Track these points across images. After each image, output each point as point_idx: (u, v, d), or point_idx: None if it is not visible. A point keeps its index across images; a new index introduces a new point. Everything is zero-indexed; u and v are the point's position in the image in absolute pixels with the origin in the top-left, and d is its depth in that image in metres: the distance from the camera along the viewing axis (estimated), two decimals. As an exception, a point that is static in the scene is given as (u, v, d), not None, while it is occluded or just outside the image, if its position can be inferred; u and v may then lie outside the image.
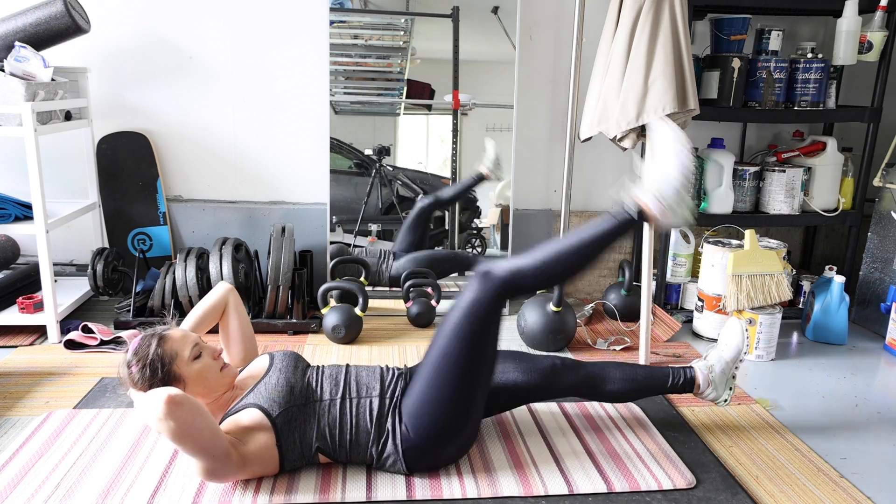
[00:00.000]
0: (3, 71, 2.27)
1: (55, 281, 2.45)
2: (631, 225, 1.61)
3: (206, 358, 1.60)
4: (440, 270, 2.82)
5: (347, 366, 1.70)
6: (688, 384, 1.85)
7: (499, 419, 1.91)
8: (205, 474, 1.45)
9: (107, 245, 2.82)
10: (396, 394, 1.62)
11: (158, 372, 1.52)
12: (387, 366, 1.73)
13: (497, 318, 1.58)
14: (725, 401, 1.87)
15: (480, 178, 2.76)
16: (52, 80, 2.39)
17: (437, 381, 1.55)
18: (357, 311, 2.49)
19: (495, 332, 1.59)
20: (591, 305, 2.82)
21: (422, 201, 2.59)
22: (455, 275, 2.95)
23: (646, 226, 2.32)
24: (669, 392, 1.86)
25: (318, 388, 1.61)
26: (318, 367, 1.69)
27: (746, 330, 1.87)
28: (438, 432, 1.57)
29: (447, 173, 2.85)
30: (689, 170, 1.59)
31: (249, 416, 1.52)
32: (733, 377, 1.88)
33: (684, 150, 1.60)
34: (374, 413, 1.58)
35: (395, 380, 1.65)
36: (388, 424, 1.58)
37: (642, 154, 2.90)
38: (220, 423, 1.55)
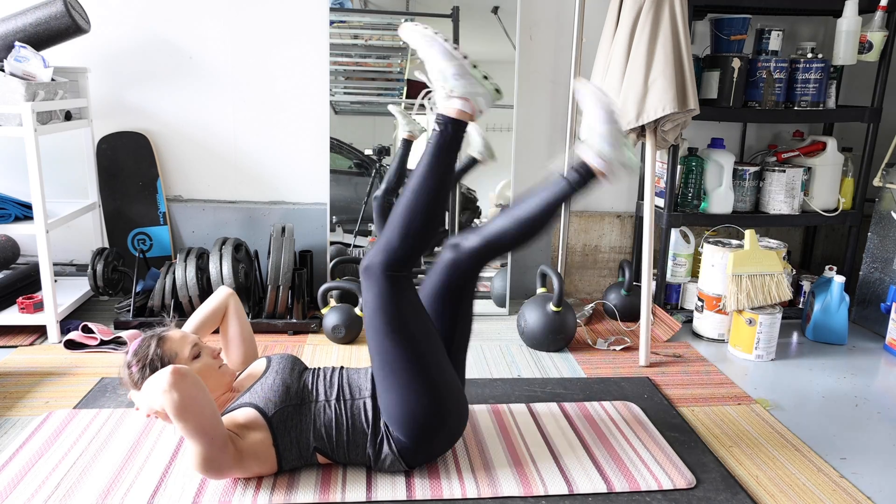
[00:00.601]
0: (3, 71, 2.27)
1: (55, 281, 2.45)
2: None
3: (205, 357, 1.63)
4: None
5: (342, 368, 1.71)
6: (589, 176, 1.59)
7: (499, 419, 1.91)
8: (202, 464, 1.44)
9: (107, 245, 2.82)
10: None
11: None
12: None
13: (407, 300, 1.52)
14: (631, 158, 1.60)
15: (408, 144, 2.66)
16: (52, 80, 2.39)
17: (391, 383, 1.53)
18: (357, 311, 2.49)
19: (414, 313, 1.54)
20: (591, 305, 2.83)
21: (376, 200, 2.51)
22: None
23: (645, 227, 2.32)
24: (577, 194, 1.61)
25: (314, 390, 1.61)
26: (314, 369, 1.70)
27: (599, 90, 1.60)
28: (421, 426, 1.55)
29: (447, 173, 2.84)
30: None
31: (245, 414, 1.53)
32: (623, 134, 1.59)
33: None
34: (369, 414, 1.58)
35: None
36: (382, 426, 1.58)
37: (642, 154, 2.90)
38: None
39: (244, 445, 1.50)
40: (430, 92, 1.82)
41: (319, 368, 1.70)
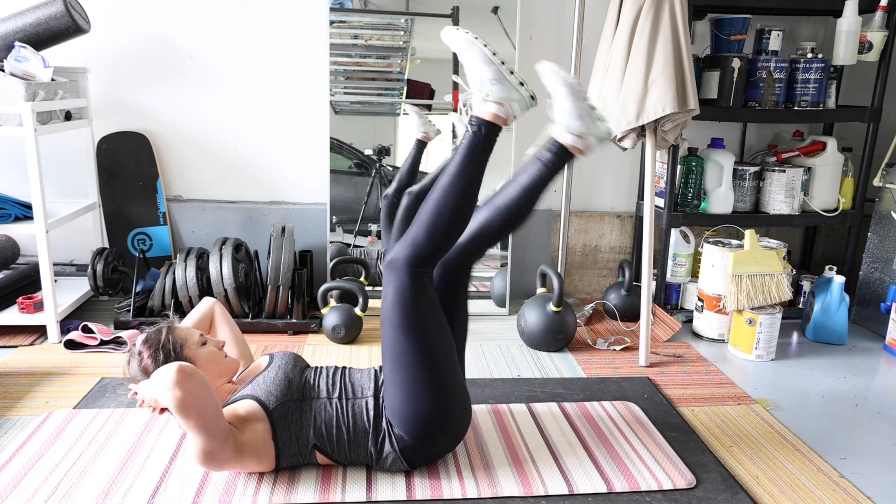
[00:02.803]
0: (3, 71, 2.27)
1: (55, 281, 2.45)
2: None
3: (210, 346, 1.66)
4: None
5: (343, 368, 1.72)
6: (563, 154, 1.62)
7: (499, 419, 1.91)
8: (201, 457, 1.44)
9: (107, 245, 2.82)
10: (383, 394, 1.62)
11: (171, 354, 1.57)
12: (380, 367, 1.73)
13: (426, 298, 1.54)
14: (607, 132, 1.62)
15: (421, 144, 2.68)
16: (52, 80, 2.39)
17: (401, 379, 1.54)
18: (357, 311, 2.49)
19: (432, 311, 1.55)
20: (591, 305, 2.82)
21: (385, 200, 2.52)
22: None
23: (645, 227, 2.32)
24: (555, 174, 1.64)
25: (316, 386, 1.62)
26: (316, 367, 1.71)
27: (558, 68, 1.62)
28: (425, 425, 1.55)
29: (447, 173, 2.84)
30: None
31: (246, 406, 1.54)
32: (590, 108, 1.61)
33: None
34: (370, 413, 1.59)
35: (384, 380, 1.65)
36: (384, 425, 1.58)
37: (642, 154, 2.90)
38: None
39: (243, 439, 1.50)
40: (465, 95, 1.85)
41: (321, 367, 1.71)
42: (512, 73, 1.55)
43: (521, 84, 1.55)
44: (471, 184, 1.56)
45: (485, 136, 1.56)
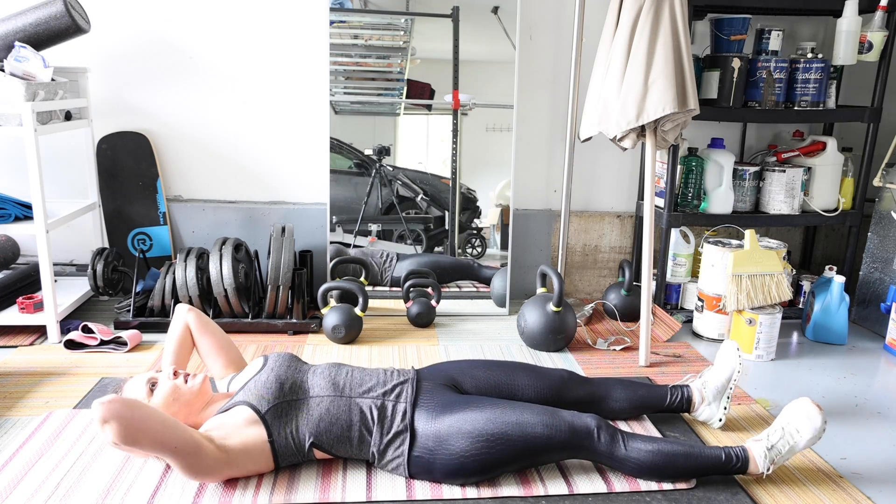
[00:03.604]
0: (3, 71, 2.27)
1: (55, 281, 2.45)
2: (725, 472, 1.64)
3: (163, 383, 1.61)
4: (443, 277, 2.84)
5: (342, 365, 1.71)
6: (685, 403, 1.91)
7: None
8: (186, 472, 1.45)
9: (107, 245, 2.82)
10: (403, 398, 1.61)
11: None
12: (393, 369, 1.73)
13: (563, 441, 1.59)
14: (720, 420, 1.90)
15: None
16: (52, 80, 2.39)
17: (489, 433, 1.55)
18: (357, 311, 2.49)
19: (559, 449, 1.59)
20: (591, 305, 2.82)
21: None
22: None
23: (645, 227, 2.32)
24: (666, 410, 1.92)
25: (311, 386, 1.62)
26: (316, 366, 1.70)
27: (739, 350, 1.91)
28: (459, 466, 1.55)
29: (447, 173, 2.85)
30: (819, 436, 1.64)
31: (238, 412, 1.54)
32: (727, 398, 1.90)
33: (818, 428, 1.63)
34: (375, 413, 1.58)
35: (400, 384, 1.65)
36: (397, 427, 1.58)
37: (641, 154, 2.90)
38: (209, 423, 1.56)
39: (231, 446, 1.50)
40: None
41: (318, 366, 1.70)
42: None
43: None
44: (677, 477, 1.63)
45: (736, 469, 1.62)
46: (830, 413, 2.07)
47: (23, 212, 2.43)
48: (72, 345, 2.32)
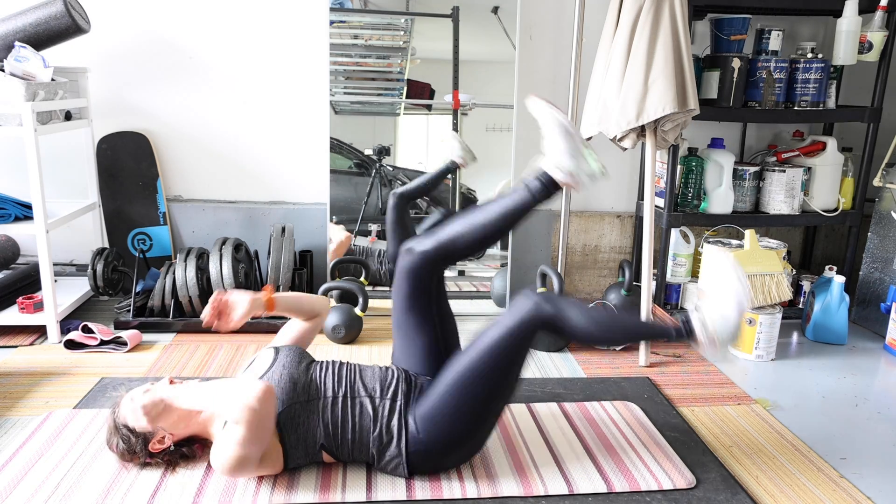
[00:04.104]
0: (3, 71, 2.27)
1: (55, 281, 2.45)
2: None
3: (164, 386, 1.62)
4: None
5: (349, 363, 1.70)
6: (552, 186, 1.63)
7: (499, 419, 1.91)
8: (236, 463, 1.44)
9: (107, 245, 2.82)
10: (399, 396, 1.61)
11: (136, 447, 1.56)
12: (387, 366, 1.73)
13: (529, 344, 1.59)
14: (599, 170, 1.63)
15: (453, 167, 2.72)
16: (52, 80, 2.39)
17: (461, 392, 1.55)
18: (357, 311, 2.49)
19: (525, 357, 1.60)
20: (590, 305, 2.82)
21: (390, 200, 2.55)
22: (456, 276, 2.95)
23: (645, 227, 2.32)
24: (540, 203, 1.65)
25: (322, 385, 1.61)
26: (321, 362, 1.68)
27: (550, 104, 1.65)
28: (451, 438, 1.58)
29: (447, 173, 2.85)
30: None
31: None
32: (582, 145, 1.63)
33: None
34: (376, 413, 1.58)
35: (396, 381, 1.64)
36: (394, 426, 1.58)
37: (642, 154, 2.90)
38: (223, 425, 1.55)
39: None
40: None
41: (326, 362, 1.68)
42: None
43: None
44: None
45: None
46: (831, 413, 2.07)
47: (23, 212, 2.43)
48: (72, 345, 2.32)
